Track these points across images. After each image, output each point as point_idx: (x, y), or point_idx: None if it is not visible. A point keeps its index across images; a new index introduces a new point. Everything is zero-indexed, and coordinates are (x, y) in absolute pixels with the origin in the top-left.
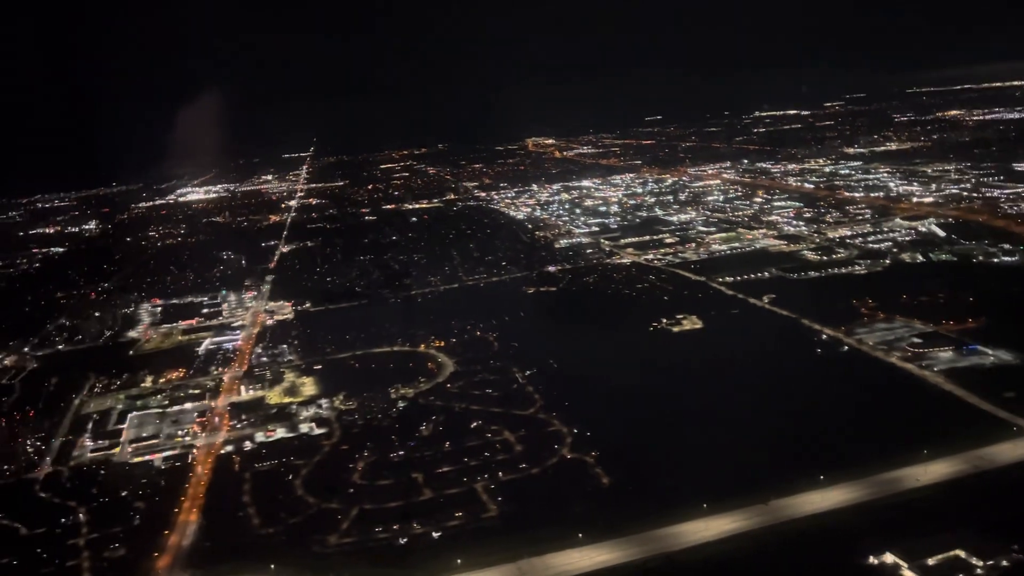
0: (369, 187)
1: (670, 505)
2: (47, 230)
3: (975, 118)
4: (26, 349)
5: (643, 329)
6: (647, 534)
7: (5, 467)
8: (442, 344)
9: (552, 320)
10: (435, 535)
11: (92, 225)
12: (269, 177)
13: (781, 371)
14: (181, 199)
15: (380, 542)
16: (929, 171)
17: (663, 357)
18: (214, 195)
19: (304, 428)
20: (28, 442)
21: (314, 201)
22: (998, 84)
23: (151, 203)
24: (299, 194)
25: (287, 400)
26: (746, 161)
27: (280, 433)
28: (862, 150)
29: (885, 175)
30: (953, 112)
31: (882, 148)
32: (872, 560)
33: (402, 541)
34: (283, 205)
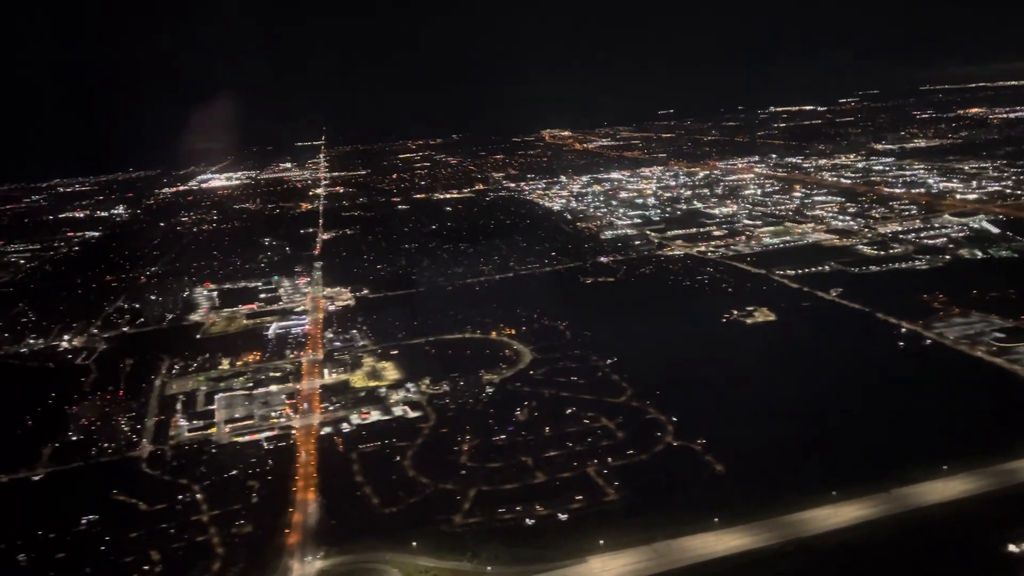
0: (393, 176)
1: (792, 492)
2: (76, 214)
3: (999, 116)
4: (95, 331)
5: (715, 320)
6: (776, 520)
7: (106, 445)
8: (513, 332)
9: (618, 310)
10: (561, 517)
11: (121, 210)
12: (288, 165)
13: (867, 363)
14: (204, 185)
15: (506, 523)
16: (966, 168)
17: (743, 348)
18: (236, 182)
19: (398, 411)
20: (120, 421)
21: (341, 189)
22: (1014, 83)
23: (175, 189)
24: (324, 182)
25: (372, 384)
26: (774, 156)
27: (375, 416)
28: (891, 146)
29: (922, 171)
30: (974, 110)
31: (911, 145)
32: (1012, 548)
33: (529, 522)
34: (311, 193)
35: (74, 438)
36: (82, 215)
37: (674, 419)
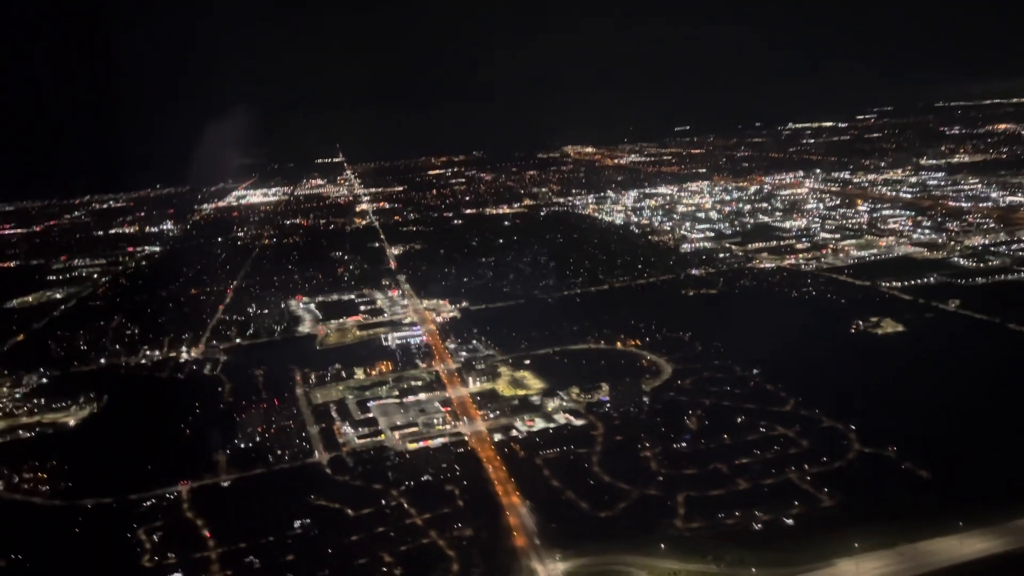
0: (432, 192)
1: (1013, 497)
2: (125, 230)
3: None
4: (214, 343)
5: (843, 331)
6: (1014, 524)
7: (280, 452)
8: (638, 343)
9: (736, 321)
10: (788, 522)
11: (169, 225)
12: (320, 181)
13: (1020, 372)
14: (242, 201)
15: (732, 528)
16: None
17: (885, 357)
18: (274, 198)
19: (560, 419)
20: (286, 429)
21: (386, 205)
22: None
23: (214, 205)
24: (365, 198)
25: (520, 392)
26: (818, 171)
27: (539, 423)
28: (934, 161)
29: (980, 186)
30: (1003, 125)
31: (956, 160)
32: None
33: (756, 527)
34: (358, 209)
35: (242, 445)
36: (131, 231)
37: (852, 427)
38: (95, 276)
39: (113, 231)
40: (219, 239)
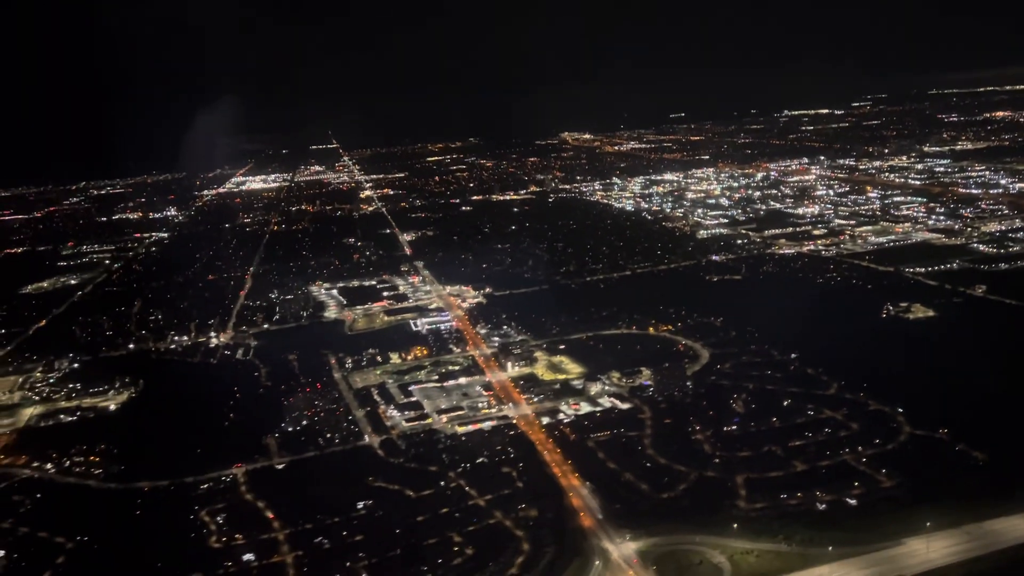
0: (435, 179)
1: None
2: (129, 216)
3: None
4: (243, 328)
5: (874, 316)
6: None
7: (329, 435)
8: (670, 328)
9: (766, 307)
10: (850, 502)
11: (173, 211)
12: (319, 168)
13: None
14: (242, 187)
15: (794, 508)
16: None
17: (919, 341)
18: (274, 184)
19: (605, 403)
20: (334, 413)
21: (389, 192)
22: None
23: (215, 191)
24: (367, 185)
25: (560, 376)
26: (822, 158)
27: (585, 407)
28: (937, 148)
29: (987, 173)
30: (1000, 113)
31: (959, 147)
32: None
33: (820, 507)
34: (362, 195)
35: (290, 429)
36: (134, 216)
37: (900, 410)
38: (106, 262)
39: (116, 217)
40: (226, 225)
